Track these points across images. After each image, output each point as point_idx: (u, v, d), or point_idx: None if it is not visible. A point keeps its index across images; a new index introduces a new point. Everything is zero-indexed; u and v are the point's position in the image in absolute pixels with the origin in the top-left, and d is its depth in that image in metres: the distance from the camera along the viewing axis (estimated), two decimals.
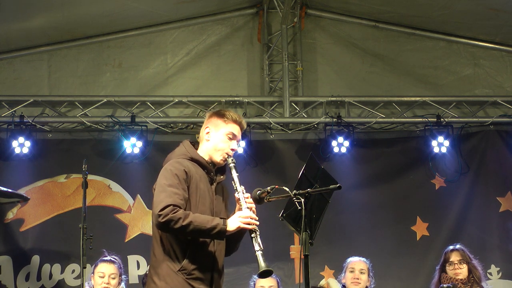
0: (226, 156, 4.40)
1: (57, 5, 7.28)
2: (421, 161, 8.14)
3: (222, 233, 4.15)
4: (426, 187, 8.10)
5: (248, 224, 4.18)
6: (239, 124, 4.47)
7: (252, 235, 4.18)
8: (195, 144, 4.52)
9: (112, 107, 8.05)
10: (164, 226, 4.13)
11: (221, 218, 4.21)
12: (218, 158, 4.41)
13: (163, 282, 4.19)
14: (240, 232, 4.27)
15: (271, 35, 8.41)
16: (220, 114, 4.49)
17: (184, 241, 4.21)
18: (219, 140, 4.42)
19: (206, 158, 4.43)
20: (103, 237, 7.23)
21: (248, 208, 4.24)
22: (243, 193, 4.30)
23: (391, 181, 8.11)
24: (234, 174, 4.34)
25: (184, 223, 4.08)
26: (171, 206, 4.11)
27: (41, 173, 7.84)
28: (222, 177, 4.48)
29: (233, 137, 4.44)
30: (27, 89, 7.99)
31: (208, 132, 4.46)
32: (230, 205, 4.54)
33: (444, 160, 8.11)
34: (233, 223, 4.17)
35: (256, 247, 4.14)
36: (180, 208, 4.13)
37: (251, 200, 4.31)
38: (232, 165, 4.37)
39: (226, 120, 4.45)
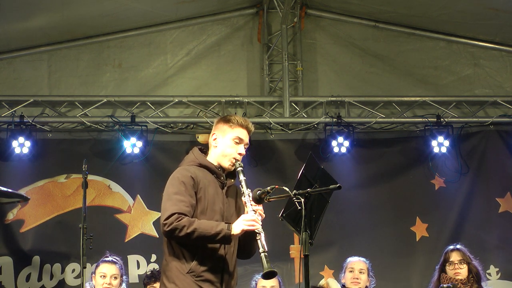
0: (234, 161, 4.41)
1: (57, 5, 7.29)
2: (421, 161, 8.13)
3: (227, 238, 4.17)
4: (426, 187, 8.09)
5: (252, 226, 4.18)
6: (246, 127, 4.47)
7: (257, 237, 4.19)
8: (205, 150, 4.53)
9: (112, 107, 8.05)
10: (169, 235, 4.16)
11: (226, 222, 4.22)
12: (226, 163, 4.43)
13: (172, 284, 4.22)
14: (252, 234, 4.26)
15: (271, 35, 8.41)
16: (225, 120, 4.50)
17: (193, 244, 4.22)
18: (226, 145, 4.43)
19: (215, 164, 4.44)
20: (103, 237, 7.23)
21: (253, 210, 4.25)
22: (249, 196, 4.30)
23: (391, 181, 8.10)
24: (242, 178, 4.35)
25: (188, 231, 4.10)
26: (176, 214, 4.13)
27: (41, 173, 7.84)
28: (232, 180, 4.49)
29: (239, 141, 4.44)
30: (27, 89, 7.99)
31: (215, 139, 4.47)
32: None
33: (444, 160, 8.09)
34: (237, 227, 4.18)
35: (260, 249, 4.15)
36: (185, 215, 4.15)
37: None
38: (239, 169, 4.37)
39: (231, 125, 4.45)
